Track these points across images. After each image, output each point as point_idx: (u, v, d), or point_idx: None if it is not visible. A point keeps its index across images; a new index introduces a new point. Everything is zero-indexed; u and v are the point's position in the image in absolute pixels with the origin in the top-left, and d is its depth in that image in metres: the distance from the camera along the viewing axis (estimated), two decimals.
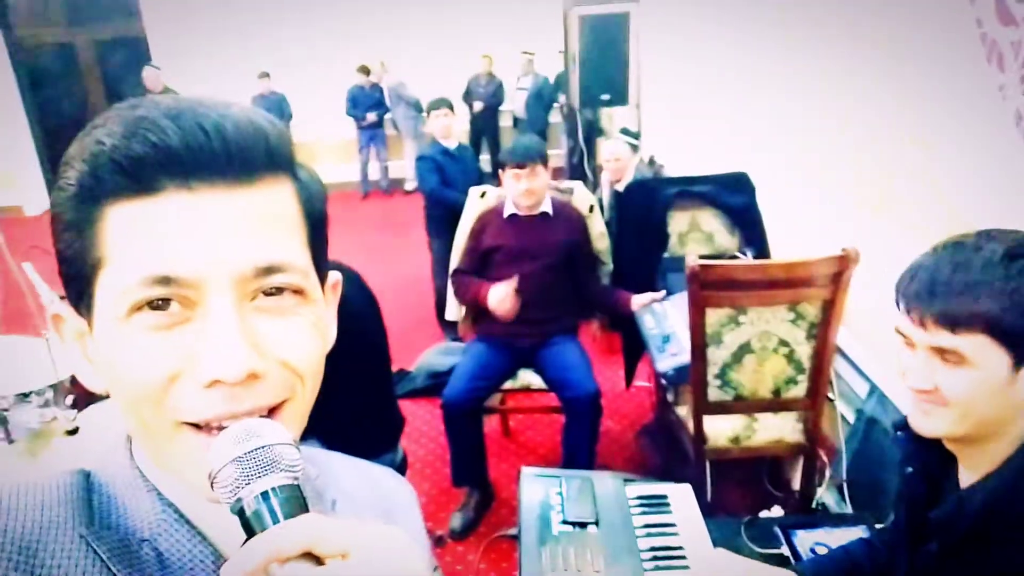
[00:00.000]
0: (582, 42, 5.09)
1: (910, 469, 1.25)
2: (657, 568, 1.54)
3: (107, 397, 0.57)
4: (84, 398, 2.65)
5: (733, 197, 3.08)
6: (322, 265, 0.61)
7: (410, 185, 9.22)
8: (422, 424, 3.73)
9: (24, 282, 2.63)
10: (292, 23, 9.13)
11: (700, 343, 2.33)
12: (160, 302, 0.51)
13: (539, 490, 1.78)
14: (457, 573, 2.73)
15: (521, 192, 2.92)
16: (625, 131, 5.56)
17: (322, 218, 0.61)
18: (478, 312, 3.08)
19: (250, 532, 0.47)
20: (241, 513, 0.48)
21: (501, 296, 2.89)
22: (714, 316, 2.31)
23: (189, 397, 0.51)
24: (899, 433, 1.22)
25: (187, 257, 0.50)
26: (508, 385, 3.06)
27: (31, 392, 2.50)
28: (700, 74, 4.36)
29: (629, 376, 3.45)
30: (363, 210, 8.58)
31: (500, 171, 3.00)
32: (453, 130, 4.73)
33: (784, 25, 3.01)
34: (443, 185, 4.37)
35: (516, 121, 8.89)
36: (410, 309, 5.14)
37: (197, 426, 0.52)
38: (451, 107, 4.67)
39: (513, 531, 1.72)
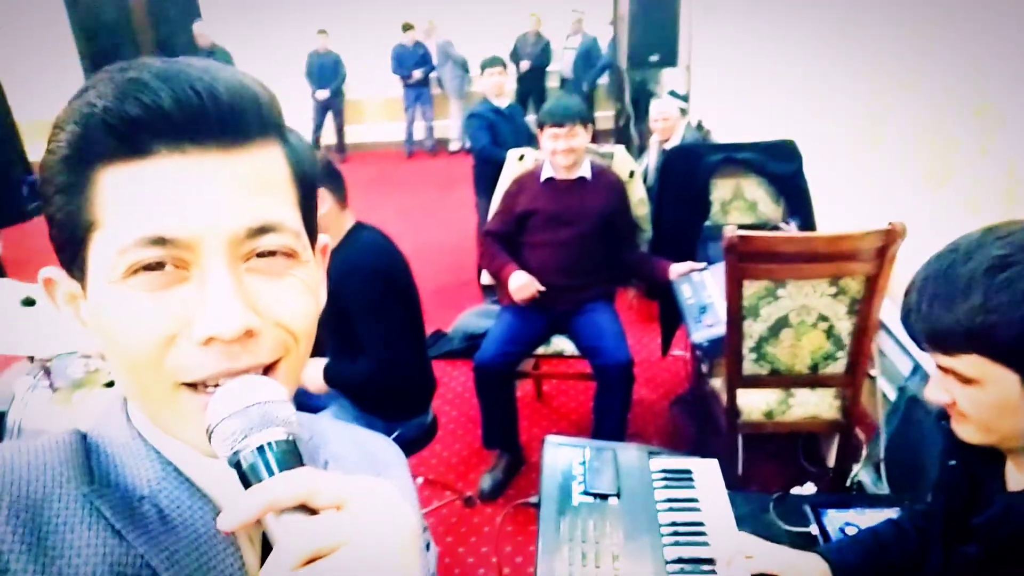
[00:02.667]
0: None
1: (953, 463, 1.19)
2: (677, 544, 1.52)
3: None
4: None
5: (779, 165, 2.98)
6: (312, 228, 0.62)
7: (455, 145, 9.19)
8: (457, 385, 3.75)
9: None
10: None
11: (736, 315, 2.27)
12: (154, 264, 0.51)
13: (562, 459, 1.77)
14: (485, 534, 2.76)
15: (559, 152, 2.86)
16: (675, 93, 5.43)
17: (311, 182, 0.62)
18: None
19: (247, 485, 0.48)
20: (238, 466, 0.49)
21: (522, 284, 2.88)
22: (751, 288, 2.25)
23: (186, 357, 0.52)
24: (942, 423, 1.15)
25: (181, 218, 0.51)
26: (540, 351, 3.04)
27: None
28: (753, 37, 4.21)
29: (666, 345, 3.40)
30: (407, 170, 8.58)
31: (539, 131, 2.95)
32: (505, 88, 4.68)
33: None
34: (493, 144, 4.32)
35: (563, 81, 8.75)
36: (451, 270, 5.16)
37: (194, 386, 0.53)
38: (504, 65, 4.63)
39: (534, 499, 1.71)
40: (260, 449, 0.49)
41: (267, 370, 0.55)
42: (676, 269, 2.91)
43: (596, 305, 2.97)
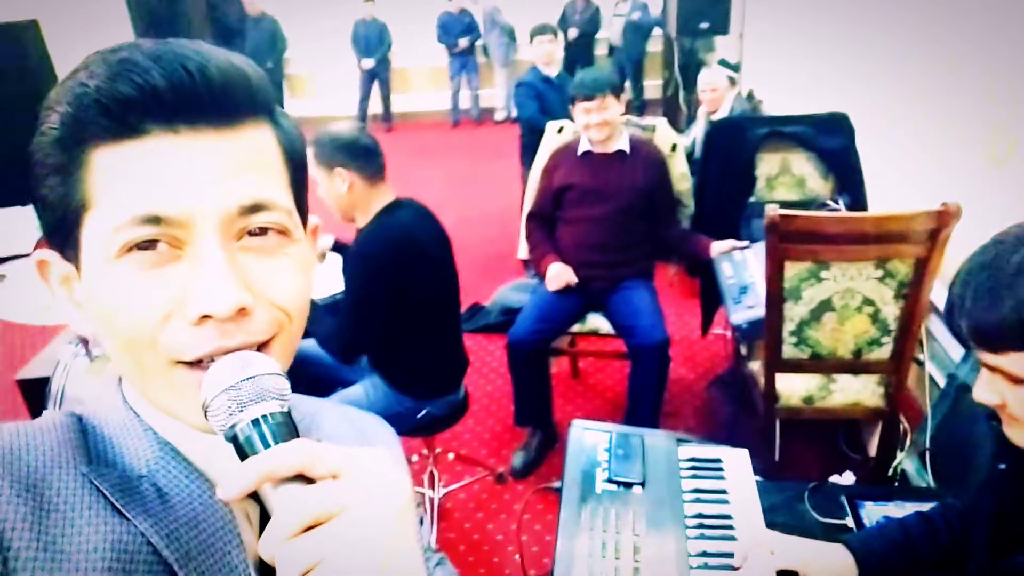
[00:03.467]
0: None
1: (1003, 466, 1.11)
2: (702, 537, 1.47)
3: None
4: None
5: (829, 139, 2.85)
6: (304, 209, 0.63)
7: (500, 114, 9.10)
8: (492, 360, 3.73)
9: None
10: None
11: (776, 297, 2.19)
12: (147, 243, 0.52)
13: (587, 444, 1.72)
14: (514, 512, 2.74)
15: (592, 126, 2.79)
16: (724, 63, 5.27)
17: (302, 163, 0.62)
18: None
19: (244, 458, 0.49)
20: (235, 440, 0.49)
21: (555, 275, 2.85)
22: (793, 270, 2.16)
23: (180, 335, 0.52)
24: (993, 423, 1.08)
25: (174, 197, 0.51)
26: (576, 328, 2.98)
27: None
28: (808, 5, 4.03)
29: (706, 323, 3.32)
30: (453, 139, 8.53)
31: (571, 105, 2.87)
32: (556, 57, 4.59)
33: None
34: (541, 114, 4.24)
35: (612, 50, 8.55)
36: (493, 241, 5.11)
37: (189, 364, 0.53)
38: (555, 33, 4.54)
39: (557, 484, 1.67)
40: (255, 422, 0.49)
41: (261, 348, 0.55)
42: (717, 247, 2.82)
43: (633, 283, 2.90)
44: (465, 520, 2.75)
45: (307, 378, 2.62)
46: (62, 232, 0.55)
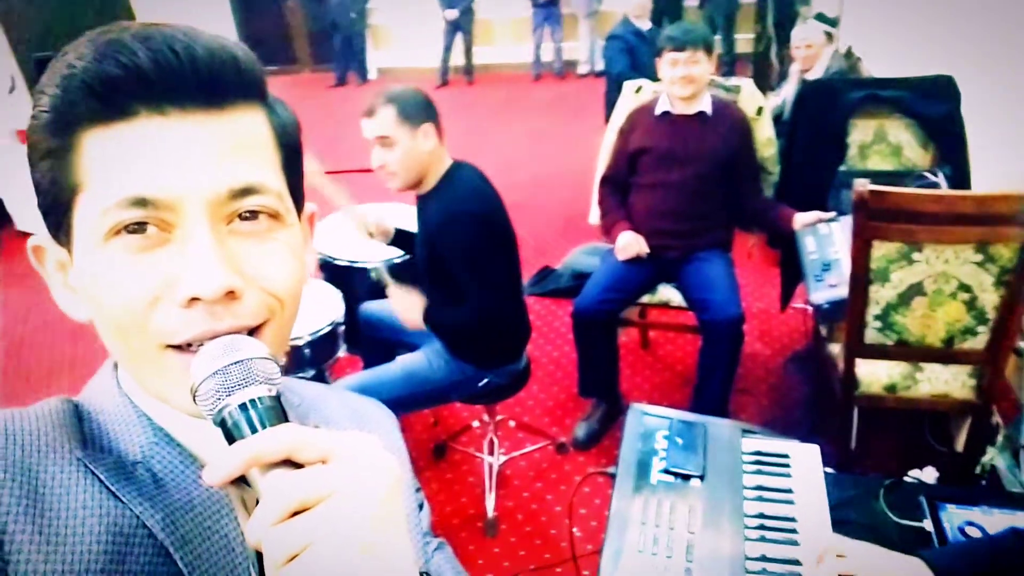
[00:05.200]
0: None
1: None
2: (762, 539, 1.38)
3: None
4: None
5: (931, 105, 2.62)
6: (298, 193, 0.62)
7: (583, 68, 8.86)
8: (560, 325, 3.66)
9: None
10: None
11: (862, 278, 2.04)
12: (136, 225, 0.51)
13: (645, 430, 1.65)
14: (574, 483, 2.70)
15: (677, 79, 2.64)
16: (821, 17, 4.94)
17: (295, 146, 0.62)
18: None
19: (232, 442, 0.48)
20: (223, 424, 0.49)
21: (626, 244, 2.74)
22: (882, 250, 2.00)
23: (170, 319, 0.52)
24: None
25: (162, 179, 0.51)
26: (645, 299, 2.88)
27: None
28: None
29: (786, 298, 3.15)
30: (533, 93, 8.36)
31: (657, 58, 2.72)
32: (648, 9, 4.40)
33: None
34: (632, 70, 4.07)
35: (703, 1, 8.16)
36: (568, 202, 4.98)
37: (179, 348, 0.53)
38: None
39: (612, 470, 1.60)
40: (243, 406, 0.49)
41: (252, 333, 0.54)
42: (801, 219, 2.65)
43: (709, 254, 2.77)
44: (524, 489, 2.72)
45: (371, 341, 2.62)
46: (55, 216, 0.55)
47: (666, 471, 1.52)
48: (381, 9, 9.06)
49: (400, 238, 2.44)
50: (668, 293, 2.84)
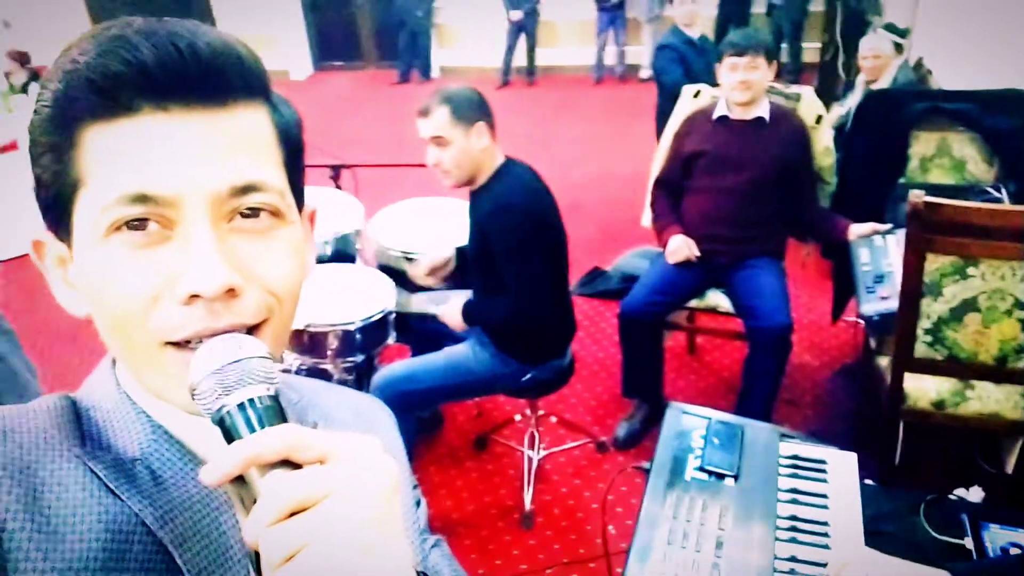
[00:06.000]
0: None
1: None
2: (793, 541, 1.39)
3: None
4: None
5: (998, 119, 2.56)
6: (299, 191, 0.62)
7: (645, 73, 8.82)
8: (607, 326, 3.67)
9: None
10: None
11: (913, 291, 2.01)
12: (137, 222, 0.52)
13: (683, 428, 1.66)
14: (615, 480, 2.72)
15: (735, 84, 2.64)
16: (891, 27, 4.84)
17: (298, 144, 0.62)
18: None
19: (230, 442, 0.49)
20: (221, 423, 0.49)
21: (676, 248, 2.75)
22: (936, 263, 1.97)
23: (169, 316, 0.52)
24: None
25: (164, 175, 0.51)
26: (694, 304, 2.88)
27: None
28: None
29: (838, 310, 3.12)
30: (594, 96, 8.36)
31: (718, 64, 2.73)
32: (698, 18, 4.38)
33: None
34: (685, 78, 4.07)
35: (771, 8, 8.05)
36: (622, 205, 4.98)
37: (179, 345, 0.53)
38: None
39: (647, 465, 1.63)
40: (242, 406, 0.49)
41: (252, 332, 0.55)
42: (856, 229, 2.63)
43: (760, 261, 2.76)
44: (562, 484, 2.75)
45: (420, 330, 2.68)
46: (55, 212, 0.56)
47: (701, 469, 1.54)
48: (447, 8, 9.18)
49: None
50: (717, 298, 2.84)
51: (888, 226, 2.59)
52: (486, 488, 2.75)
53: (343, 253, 2.92)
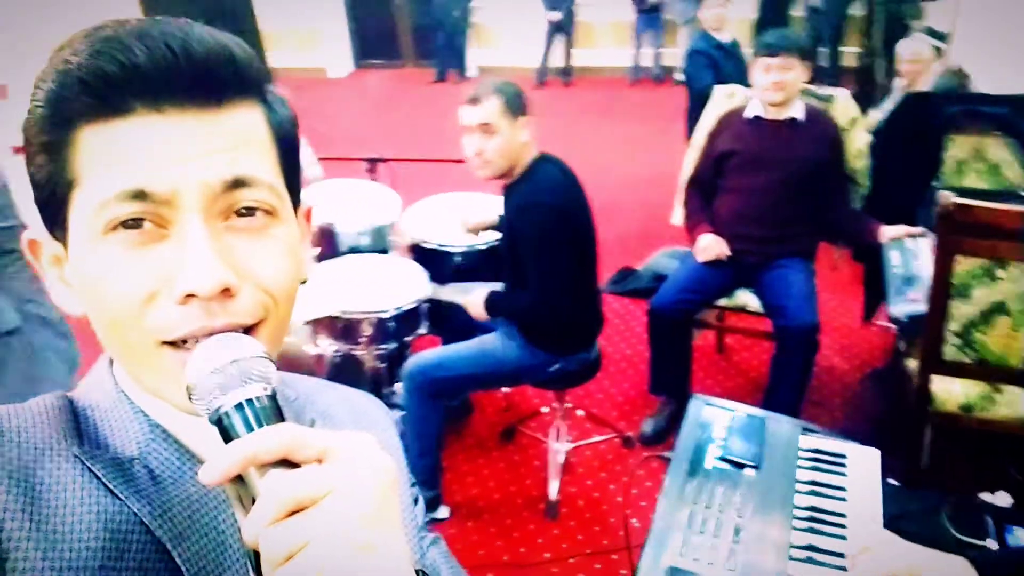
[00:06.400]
0: None
1: None
2: (810, 530, 1.41)
3: None
4: (327, 254, 2.95)
5: None
6: (294, 189, 0.62)
7: (681, 75, 8.79)
8: (636, 325, 3.70)
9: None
10: None
11: (941, 292, 2.02)
12: (132, 221, 0.52)
13: (705, 419, 1.70)
14: (637, 476, 2.75)
15: (768, 85, 2.66)
16: (931, 31, 4.80)
17: (292, 142, 0.61)
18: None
19: (228, 442, 0.49)
20: (219, 423, 0.49)
21: (706, 246, 2.78)
22: (965, 265, 1.99)
23: (165, 315, 0.52)
24: None
25: (159, 173, 0.51)
26: (723, 302, 2.90)
27: None
28: None
29: (868, 313, 3.11)
30: (630, 97, 8.37)
31: (752, 64, 2.75)
32: (727, 22, 4.37)
33: None
34: (717, 84, 4.07)
35: (811, 12, 7.99)
36: (654, 206, 4.99)
37: (175, 345, 0.53)
38: None
39: (669, 454, 1.66)
40: (239, 406, 0.49)
41: (248, 332, 0.55)
42: (888, 232, 2.63)
43: (790, 262, 2.77)
44: (587, 477, 2.79)
45: (451, 320, 2.74)
46: (50, 211, 0.56)
47: (722, 458, 1.57)
48: (485, 8, 9.25)
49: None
50: (745, 297, 2.85)
51: (920, 229, 2.58)
52: (512, 478, 2.80)
53: (379, 244, 2.99)
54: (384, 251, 2.99)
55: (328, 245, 2.96)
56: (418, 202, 3.15)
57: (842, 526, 1.43)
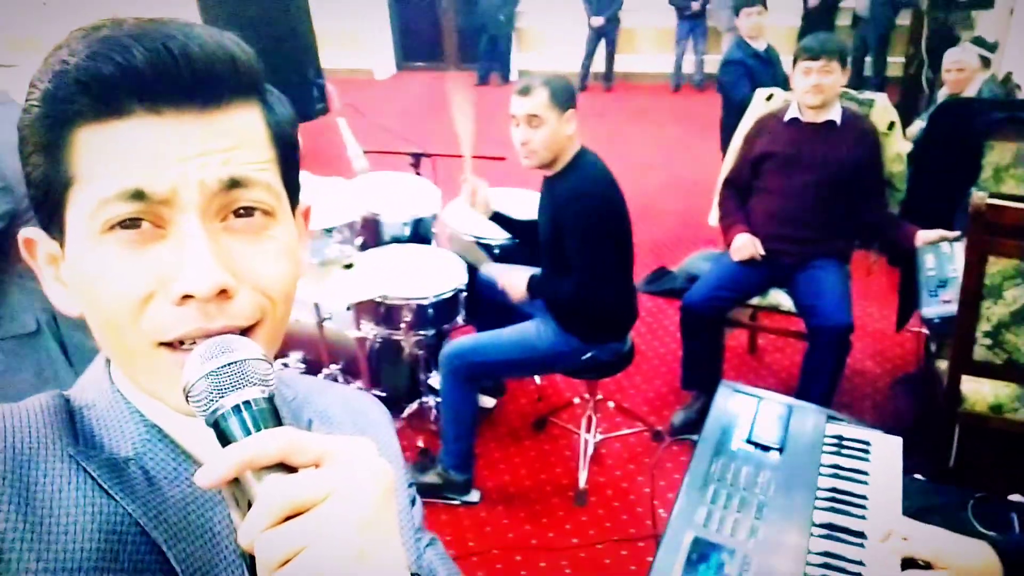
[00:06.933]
0: None
1: None
2: (832, 510, 1.46)
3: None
4: (371, 243, 3.06)
5: None
6: (293, 189, 0.62)
7: None
8: (670, 324, 3.74)
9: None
10: None
11: (973, 293, 2.04)
12: (130, 221, 0.52)
13: (733, 405, 1.75)
14: (666, 469, 2.80)
15: (808, 88, 2.70)
16: (979, 41, 4.76)
17: (291, 142, 0.61)
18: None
19: (225, 444, 0.48)
20: (216, 425, 0.49)
21: (741, 245, 2.82)
22: (997, 266, 2.00)
23: (163, 316, 0.52)
24: None
25: (158, 173, 0.51)
26: (755, 302, 2.94)
27: (333, 228, 2.95)
28: None
29: (902, 319, 3.12)
30: (671, 103, 8.40)
31: (792, 68, 2.80)
32: (764, 30, 4.40)
33: None
34: (752, 94, 4.10)
35: (856, 20, 7.94)
36: (692, 210, 5.04)
37: (172, 346, 0.53)
38: (765, 4, 4.33)
39: (695, 437, 1.72)
40: (237, 408, 0.48)
41: (245, 334, 0.55)
42: (924, 236, 2.65)
43: (824, 263, 2.80)
44: (616, 468, 2.84)
45: (488, 307, 2.82)
46: (47, 210, 0.55)
47: (747, 441, 1.63)
48: (529, 13, 9.35)
49: (499, 221, 2.67)
50: (779, 297, 2.89)
51: (956, 233, 2.60)
52: (543, 466, 2.86)
53: (420, 235, 3.09)
54: (426, 241, 3.08)
55: (372, 234, 3.06)
56: (458, 197, 3.23)
57: (863, 507, 1.47)
